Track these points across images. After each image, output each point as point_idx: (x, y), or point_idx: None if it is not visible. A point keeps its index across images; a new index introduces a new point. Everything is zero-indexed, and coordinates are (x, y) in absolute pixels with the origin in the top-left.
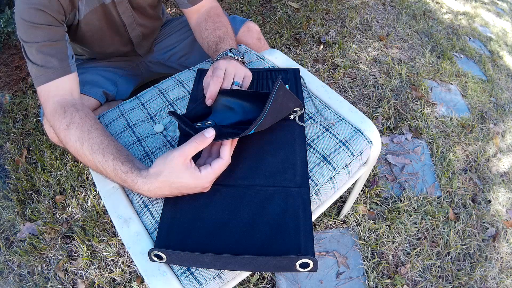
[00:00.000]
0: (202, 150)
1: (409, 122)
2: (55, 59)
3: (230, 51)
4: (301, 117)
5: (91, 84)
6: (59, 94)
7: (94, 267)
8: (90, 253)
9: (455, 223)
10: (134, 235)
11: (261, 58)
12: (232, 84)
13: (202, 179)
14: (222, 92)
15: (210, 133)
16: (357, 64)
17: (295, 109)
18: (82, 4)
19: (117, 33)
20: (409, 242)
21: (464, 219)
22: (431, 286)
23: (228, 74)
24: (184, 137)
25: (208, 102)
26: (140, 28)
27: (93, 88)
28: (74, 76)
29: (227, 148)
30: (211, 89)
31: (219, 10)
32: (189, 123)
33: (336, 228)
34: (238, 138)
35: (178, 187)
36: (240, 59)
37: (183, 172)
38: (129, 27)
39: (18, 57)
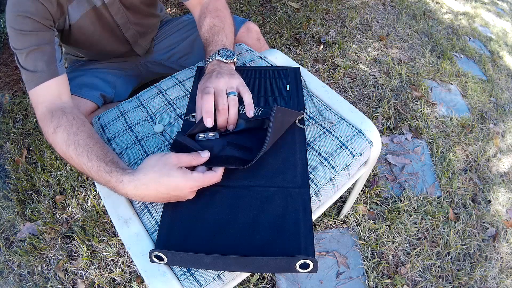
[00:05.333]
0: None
1: (409, 122)
2: (42, 62)
3: (219, 54)
4: (301, 119)
5: (89, 86)
6: (47, 99)
7: (94, 267)
8: (90, 253)
9: (455, 223)
10: (134, 236)
11: (261, 57)
12: (228, 95)
13: (192, 181)
14: None
15: (205, 155)
16: (357, 64)
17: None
18: (72, 8)
19: (111, 34)
20: (409, 242)
21: (464, 219)
22: (431, 286)
23: (218, 91)
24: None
25: (208, 121)
26: (135, 27)
27: (90, 91)
28: (62, 79)
29: (222, 167)
30: (206, 109)
31: (219, 3)
32: (190, 140)
33: (336, 228)
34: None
35: (167, 185)
36: (230, 61)
37: (175, 171)
38: (123, 27)
39: None
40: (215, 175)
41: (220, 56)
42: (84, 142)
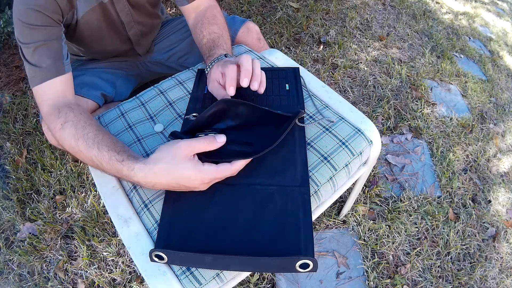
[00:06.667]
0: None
1: (409, 122)
2: (49, 59)
3: (226, 56)
4: (301, 118)
5: (90, 86)
6: (52, 96)
7: (94, 267)
8: (90, 253)
9: (455, 223)
10: (134, 235)
11: (261, 58)
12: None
13: (203, 173)
14: (228, 105)
15: (221, 139)
16: (357, 64)
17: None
18: (80, 3)
19: (115, 31)
20: (409, 242)
21: (464, 219)
22: (431, 286)
23: (242, 57)
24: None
25: (231, 90)
26: (139, 26)
27: (91, 90)
28: (68, 77)
29: (242, 161)
30: (231, 76)
31: (216, 10)
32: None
33: (336, 228)
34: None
35: (177, 176)
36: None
37: (185, 162)
38: (127, 25)
39: (18, 57)
40: (229, 169)
41: (228, 59)
42: (93, 134)
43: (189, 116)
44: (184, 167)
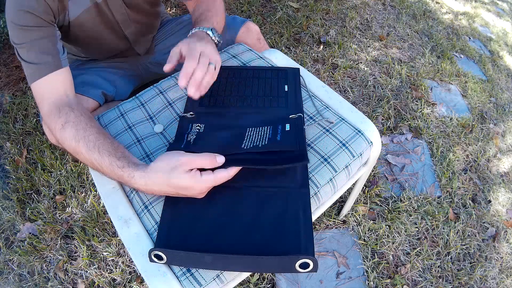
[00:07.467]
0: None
1: (409, 122)
2: (45, 55)
3: (211, 30)
4: (301, 120)
5: (90, 85)
6: (53, 95)
7: (94, 267)
8: (90, 253)
9: (455, 223)
10: (134, 236)
11: (261, 57)
12: (209, 65)
13: (202, 183)
14: (232, 159)
15: (221, 159)
16: (357, 64)
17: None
18: (73, 4)
19: (111, 30)
20: (409, 242)
21: (464, 219)
22: (431, 286)
23: (204, 56)
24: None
25: (192, 92)
26: (136, 25)
27: (91, 89)
28: (67, 71)
29: (236, 167)
30: (193, 75)
31: None
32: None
33: (336, 228)
34: None
35: (175, 186)
36: (216, 40)
37: (183, 174)
38: (122, 24)
39: None
40: (226, 175)
41: (211, 32)
42: (94, 137)
43: (186, 114)
44: (183, 177)
